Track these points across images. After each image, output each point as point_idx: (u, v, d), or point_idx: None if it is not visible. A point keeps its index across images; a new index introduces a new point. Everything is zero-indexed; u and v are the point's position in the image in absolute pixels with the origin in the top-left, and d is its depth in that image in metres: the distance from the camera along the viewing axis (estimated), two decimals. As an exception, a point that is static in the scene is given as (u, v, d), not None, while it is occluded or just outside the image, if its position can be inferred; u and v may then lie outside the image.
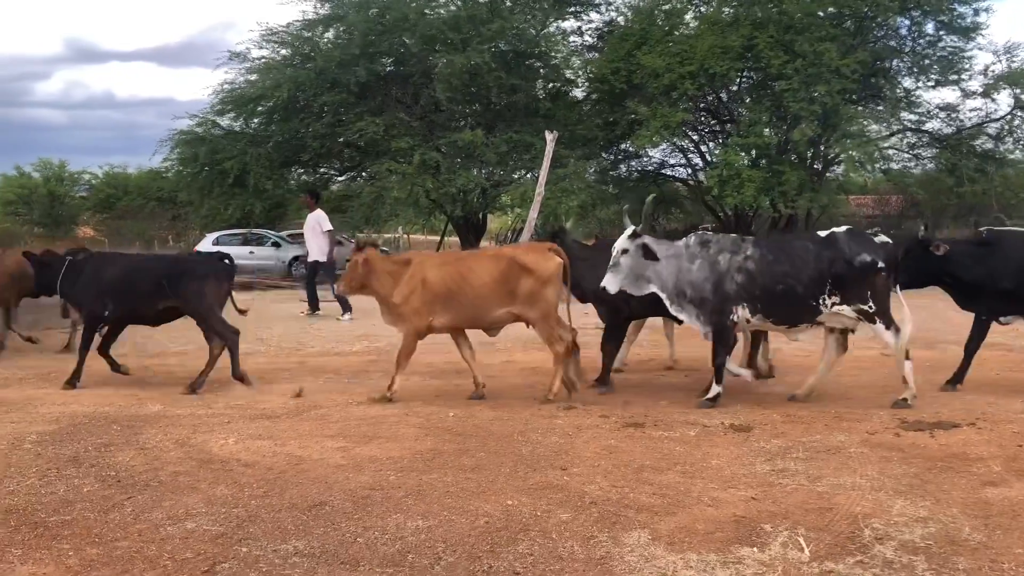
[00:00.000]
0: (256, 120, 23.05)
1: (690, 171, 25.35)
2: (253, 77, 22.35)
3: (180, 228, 40.74)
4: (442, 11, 21.56)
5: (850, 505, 4.25)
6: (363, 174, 24.53)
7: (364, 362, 9.19)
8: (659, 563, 3.60)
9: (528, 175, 22.45)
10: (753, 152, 20.28)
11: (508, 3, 21.94)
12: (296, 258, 23.68)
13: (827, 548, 3.73)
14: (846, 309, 6.36)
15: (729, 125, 22.51)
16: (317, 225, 13.72)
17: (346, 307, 12.75)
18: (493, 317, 7.00)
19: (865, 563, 3.57)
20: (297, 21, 22.46)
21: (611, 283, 6.53)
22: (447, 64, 19.78)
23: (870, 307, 6.32)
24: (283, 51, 22.54)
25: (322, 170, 25.56)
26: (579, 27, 24.10)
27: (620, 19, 23.38)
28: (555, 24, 23.16)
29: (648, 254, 6.48)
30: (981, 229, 7.48)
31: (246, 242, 24.40)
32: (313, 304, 13.61)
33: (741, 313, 6.44)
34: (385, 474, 4.84)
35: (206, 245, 26.72)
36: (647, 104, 19.69)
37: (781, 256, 6.40)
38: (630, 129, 20.95)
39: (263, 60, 22.60)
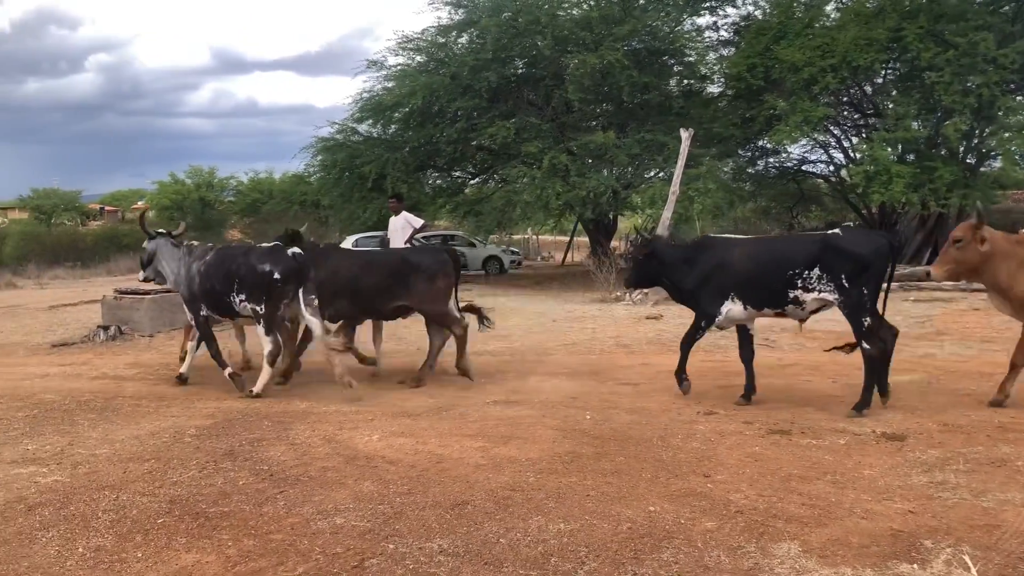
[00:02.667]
0: (393, 126, 23.66)
1: (832, 167, 24.41)
2: (390, 84, 22.95)
3: (322, 231, 42.32)
4: (574, 12, 21.53)
5: (1020, 523, 3.97)
6: (495, 176, 24.81)
7: (500, 362, 9.27)
8: (811, 577, 3.46)
9: (660, 174, 22.14)
10: (899, 147, 19.33)
11: (641, 1, 21.71)
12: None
13: (996, 568, 3.49)
14: (249, 308, 7.41)
15: (874, 119, 21.53)
16: (407, 225, 13.98)
17: None
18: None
19: (1041, 587, 3.33)
20: (432, 27, 22.93)
21: (141, 275, 8.48)
22: (579, 64, 19.70)
23: (260, 309, 7.31)
24: (418, 58, 23.02)
25: (455, 173, 26.01)
26: (714, 22, 23.65)
27: (757, 13, 22.79)
28: (689, 20, 22.76)
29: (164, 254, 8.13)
30: (707, 234, 7.78)
31: (383, 244, 25.12)
32: None
33: (205, 310, 7.79)
34: (524, 475, 4.85)
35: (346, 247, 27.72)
36: (786, 99, 19.07)
37: (215, 261, 7.68)
38: (768, 125, 20.32)
39: (399, 67, 23.17)
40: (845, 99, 22.22)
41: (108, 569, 3.64)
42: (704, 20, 23.32)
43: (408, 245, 13.87)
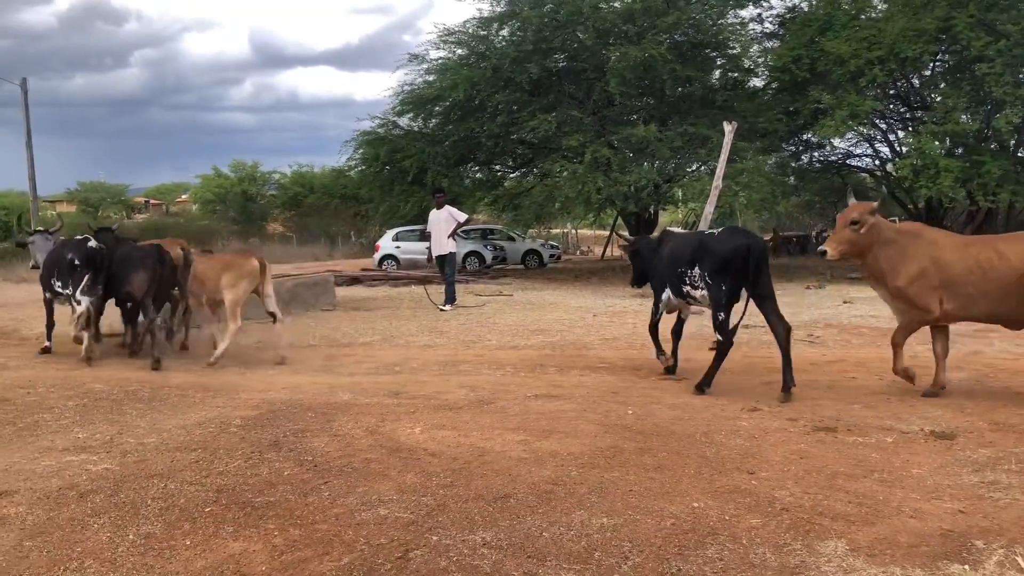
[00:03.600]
0: (434, 120, 23.74)
1: (877, 161, 24.03)
2: (431, 78, 23.03)
3: (361, 224, 42.62)
4: (616, 4, 21.40)
5: (1076, 525, 3.88)
6: (534, 170, 24.78)
7: (540, 356, 9.27)
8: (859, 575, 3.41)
9: (703, 168, 21.94)
10: (948, 140, 18.95)
11: (684, -7, 21.53)
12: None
13: (1052, 571, 3.41)
14: (74, 293, 8.88)
15: (921, 112, 21.14)
16: (451, 218, 14.18)
17: (450, 298, 14.13)
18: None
19: (1099, 591, 3.25)
20: (473, 19, 22.97)
21: (31, 263, 10.38)
22: (621, 57, 19.59)
23: (71, 290, 8.92)
24: (459, 51, 23.07)
25: (495, 167, 26.04)
26: (759, 14, 23.41)
27: (803, 5, 22.51)
28: (733, 13, 22.51)
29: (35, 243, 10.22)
30: (668, 229, 8.52)
31: (423, 237, 25.29)
32: (450, 297, 14.15)
33: (48, 292, 9.54)
34: (567, 469, 4.84)
35: (386, 242, 27.93)
36: (832, 92, 18.79)
37: (53, 251, 9.48)
38: (813, 118, 20.06)
39: (440, 61, 23.24)
40: (892, 92, 21.86)
41: (158, 556, 3.71)
42: (748, 12, 23.12)
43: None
